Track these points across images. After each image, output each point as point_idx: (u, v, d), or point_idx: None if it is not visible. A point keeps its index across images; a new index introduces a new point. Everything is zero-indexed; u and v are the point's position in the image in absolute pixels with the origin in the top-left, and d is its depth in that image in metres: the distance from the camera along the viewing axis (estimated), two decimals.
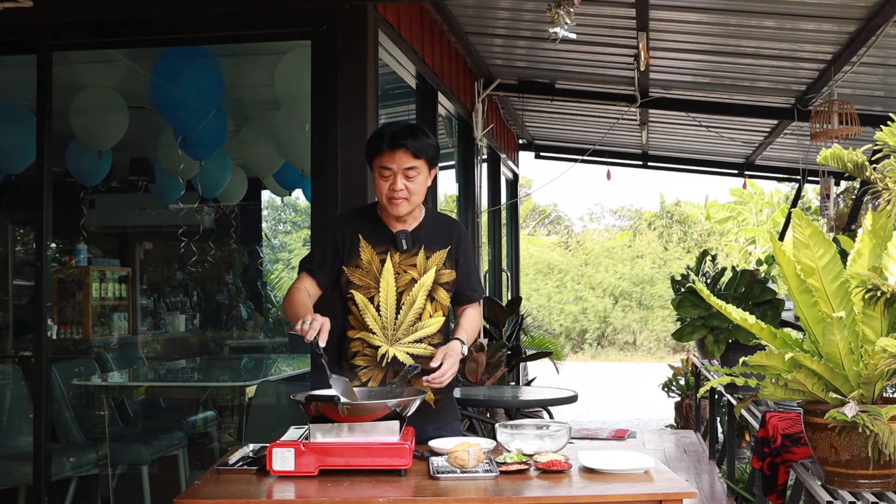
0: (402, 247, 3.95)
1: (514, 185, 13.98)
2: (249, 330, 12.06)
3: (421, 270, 3.96)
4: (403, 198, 3.87)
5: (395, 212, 3.91)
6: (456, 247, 4.06)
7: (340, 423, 3.29)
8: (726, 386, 6.66)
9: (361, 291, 3.96)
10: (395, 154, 3.84)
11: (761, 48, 8.11)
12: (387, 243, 3.97)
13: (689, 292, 6.45)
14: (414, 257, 3.97)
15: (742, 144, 12.26)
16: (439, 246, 4.02)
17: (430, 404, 4.00)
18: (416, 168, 3.87)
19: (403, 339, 3.95)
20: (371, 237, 3.99)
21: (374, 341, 3.96)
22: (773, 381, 3.52)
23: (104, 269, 10.62)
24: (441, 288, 4.00)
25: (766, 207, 26.85)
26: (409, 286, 3.95)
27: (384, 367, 3.94)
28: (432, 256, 3.99)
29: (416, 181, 3.88)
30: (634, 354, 27.01)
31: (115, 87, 7.84)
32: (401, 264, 3.96)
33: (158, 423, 8.09)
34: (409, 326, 3.95)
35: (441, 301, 4.01)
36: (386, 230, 3.99)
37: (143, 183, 10.19)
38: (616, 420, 14.18)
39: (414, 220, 4.01)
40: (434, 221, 4.09)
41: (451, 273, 4.03)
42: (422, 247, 3.99)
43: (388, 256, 3.96)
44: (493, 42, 8.95)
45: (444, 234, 4.06)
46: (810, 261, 3.33)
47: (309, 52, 5.51)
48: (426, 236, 4.01)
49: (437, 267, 3.99)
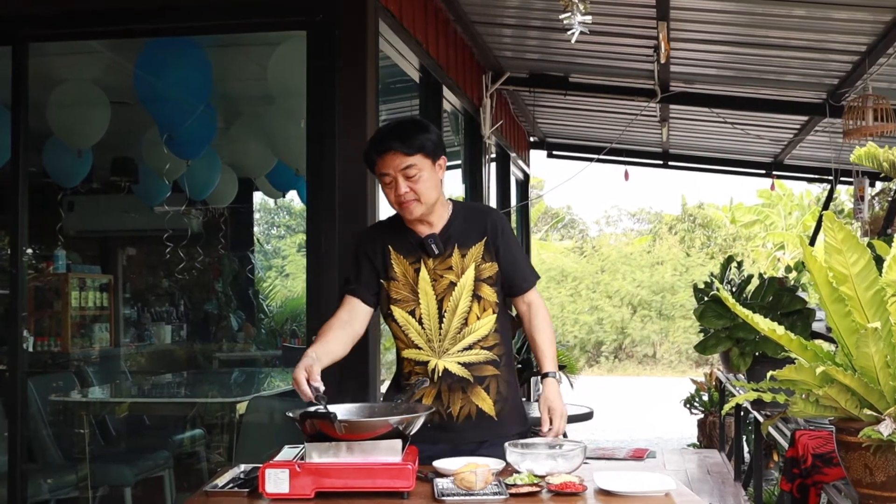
0: (434, 251, 3.95)
1: (524, 186, 13.98)
2: (240, 342, 12.07)
3: (458, 272, 3.95)
4: (412, 200, 3.86)
5: (410, 215, 3.91)
6: (493, 235, 4.02)
7: (338, 442, 3.28)
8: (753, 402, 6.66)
9: (400, 306, 3.97)
10: (385, 158, 3.83)
11: (790, 39, 8.10)
12: (417, 251, 3.97)
13: (712, 301, 6.44)
14: (448, 259, 3.96)
15: (770, 142, 12.26)
16: (473, 240, 4.00)
17: (493, 416, 4.00)
18: (415, 166, 3.84)
19: (451, 348, 3.94)
20: (401, 248, 4.00)
21: (422, 357, 3.96)
22: (804, 397, 3.51)
23: (84, 277, 10.64)
24: (485, 284, 3.98)
25: (795, 210, 26.83)
26: (448, 291, 3.94)
27: (437, 383, 3.94)
28: (468, 253, 3.97)
29: (420, 180, 3.85)
30: (654, 368, 26.98)
31: (97, 80, 7.86)
32: (436, 270, 3.95)
33: (142, 441, 8.09)
34: (455, 334, 3.94)
35: (488, 298, 3.98)
36: (414, 237, 3.99)
37: (126, 184, 10.22)
38: (634, 438, 14.17)
39: (440, 219, 4.00)
40: (464, 215, 4.07)
41: (493, 266, 4.00)
42: (455, 246, 3.97)
43: (421, 264, 3.96)
44: (503, 32, 8.95)
45: (476, 226, 4.03)
46: (843, 267, 3.33)
47: (304, 42, 5.51)
48: (457, 233, 4.00)
49: (475, 263, 3.97)
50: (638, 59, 9.05)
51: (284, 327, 13.49)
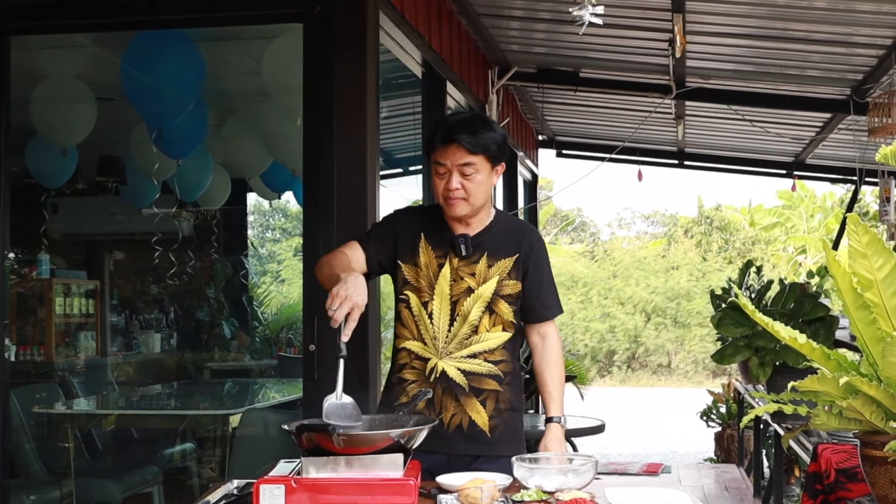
0: (462, 252, 4.00)
1: (532, 186, 13.99)
2: (233, 351, 12.08)
3: (480, 280, 4.00)
4: (461, 198, 3.92)
5: (453, 212, 3.96)
6: (526, 255, 4.08)
7: (337, 457, 3.28)
8: (773, 414, 6.65)
9: (417, 294, 4.02)
10: (448, 149, 3.89)
11: (812, 32, 8.11)
12: (447, 246, 4.03)
13: (730, 308, 6.44)
14: (474, 265, 4.01)
15: (791, 141, 12.26)
16: (505, 254, 4.05)
17: (485, 431, 4.02)
18: (474, 165, 3.90)
19: (455, 352, 3.98)
20: (432, 238, 4.06)
21: (424, 353, 4.01)
22: (826, 409, 3.51)
23: (69, 283, 10.65)
24: (503, 300, 4.02)
25: (817, 212, 26.84)
26: (463, 295, 3.99)
27: (433, 382, 3.98)
28: (495, 265, 4.02)
29: (474, 179, 3.91)
30: (669, 379, 26.98)
31: (82, 75, 7.86)
32: (458, 270, 4.00)
33: (130, 456, 8.10)
34: (462, 339, 3.99)
35: (502, 315, 4.02)
36: (447, 232, 4.06)
37: (112, 185, 10.23)
38: (648, 453, 14.17)
39: (479, 223, 4.06)
40: (503, 227, 4.13)
41: (516, 284, 4.05)
42: (484, 254, 4.02)
43: (446, 261, 4.02)
44: (509, 25, 8.96)
45: (512, 241, 4.09)
46: (868, 272, 3.33)
47: (301, 36, 5.52)
48: (491, 242, 4.05)
49: (499, 276, 4.01)
50: (652, 53, 9.06)
51: (280, 336, 13.49)
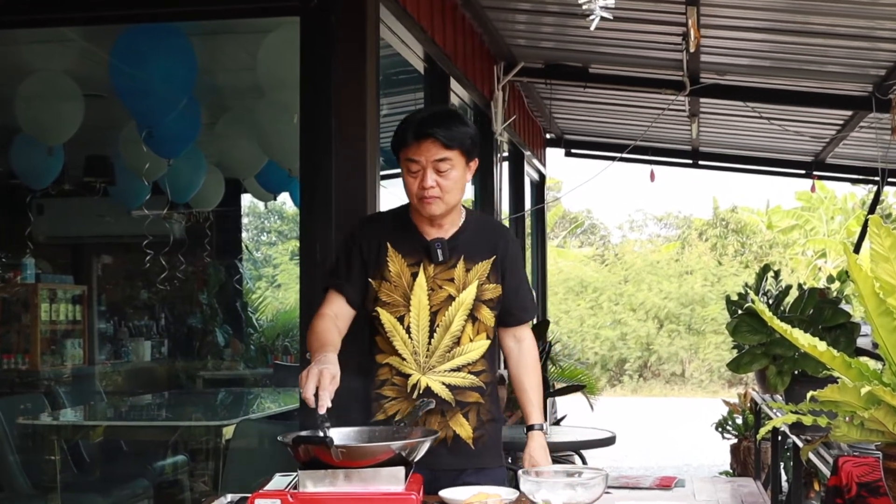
0: (438, 258, 3.95)
1: (540, 187, 13.99)
2: (227, 359, 12.10)
3: (460, 286, 3.97)
4: (436, 196, 3.86)
5: (428, 213, 3.91)
6: (502, 256, 4.05)
7: (335, 470, 3.28)
8: (791, 425, 6.65)
9: (389, 310, 3.97)
10: (421, 145, 3.84)
11: (833, 25, 8.10)
12: (419, 253, 3.98)
13: (747, 315, 6.44)
14: (451, 270, 3.97)
15: (810, 140, 12.25)
16: (482, 256, 4.02)
17: (469, 444, 4.02)
18: (450, 160, 3.86)
19: (438, 366, 3.96)
20: (401, 246, 4.00)
21: (405, 369, 3.98)
22: (847, 420, 3.51)
23: (55, 288, 10.66)
24: (484, 306, 4.00)
25: (838, 214, 26.82)
26: (444, 305, 3.96)
27: (415, 400, 3.94)
28: (473, 269, 3.99)
29: (449, 176, 3.86)
30: (683, 388, 26.98)
31: (69, 71, 7.87)
32: (435, 278, 3.96)
33: (119, 469, 8.11)
34: (444, 352, 3.96)
35: (484, 321, 4.01)
36: (418, 237, 4.00)
37: (101, 185, 10.22)
38: (661, 466, 14.18)
39: (452, 224, 4.02)
40: (476, 226, 4.10)
41: (497, 288, 4.03)
42: (461, 257, 3.99)
43: (420, 269, 3.96)
44: (516, 18, 8.96)
45: (488, 242, 4.06)
46: (891, 277, 3.33)
47: (298, 29, 5.52)
48: (466, 244, 4.02)
49: (479, 281, 3.99)
50: (665, 47, 9.05)
51: (276, 343, 13.52)
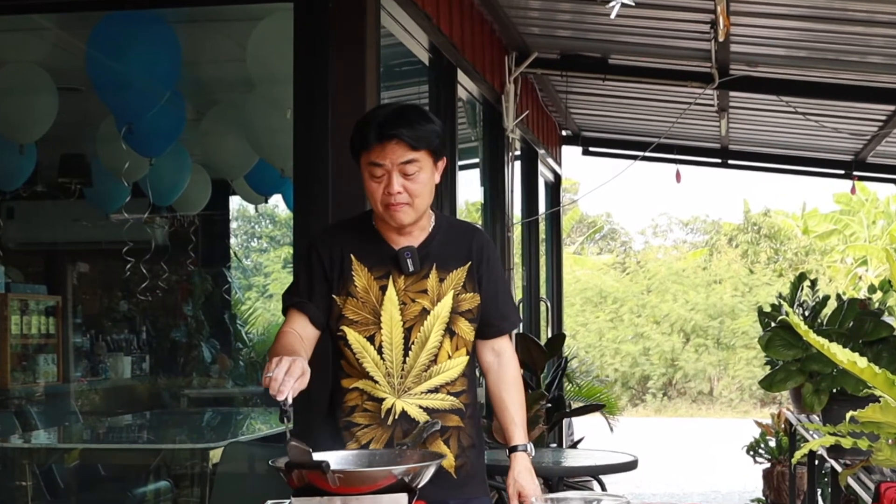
0: (408, 268, 3.87)
1: (555, 189, 14.01)
2: (214, 376, 12.10)
3: (434, 298, 3.89)
4: (404, 202, 3.78)
5: (397, 221, 3.83)
6: (478, 261, 3.98)
7: (332, 496, 3.28)
8: (829, 449, 6.64)
9: (357, 329, 3.89)
10: (385, 147, 3.77)
11: (874, 13, 8.10)
12: (387, 264, 3.90)
13: (780, 328, 6.44)
14: (424, 281, 3.90)
15: (850, 137, 12.25)
16: (456, 263, 3.95)
17: (451, 473, 3.95)
18: (417, 162, 3.78)
19: (414, 388, 3.89)
20: (366, 258, 3.92)
21: (377, 392, 3.90)
22: (890, 443, 3.51)
23: (26, 298, 10.66)
24: (462, 318, 3.92)
25: (880, 218, 26.82)
26: (419, 319, 3.88)
27: (391, 426, 3.88)
28: (448, 278, 3.92)
29: (417, 179, 3.79)
30: (711, 408, 26.97)
31: (42, 62, 7.88)
32: (407, 291, 3.89)
33: (97, 495, 8.12)
34: (421, 372, 3.89)
35: (463, 335, 3.94)
36: (385, 247, 3.93)
37: (76, 186, 10.23)
38: (687, 492, 14.17)
39: (421, 230, 3.95)
40: (447, 231, 4.03)
41: (474, 297, 3.95)
42: (433, 266, 3.91)
43: (389, 282, 3.88)
44: (529, 5, 8.97)
45: (461, 247, 3.99)
46: None
47: (291, 17, 5.52)
48: (438, 251, 3.94)
49: (454, 291, 3.91)
50: (692, 36, 9.06)
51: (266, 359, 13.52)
